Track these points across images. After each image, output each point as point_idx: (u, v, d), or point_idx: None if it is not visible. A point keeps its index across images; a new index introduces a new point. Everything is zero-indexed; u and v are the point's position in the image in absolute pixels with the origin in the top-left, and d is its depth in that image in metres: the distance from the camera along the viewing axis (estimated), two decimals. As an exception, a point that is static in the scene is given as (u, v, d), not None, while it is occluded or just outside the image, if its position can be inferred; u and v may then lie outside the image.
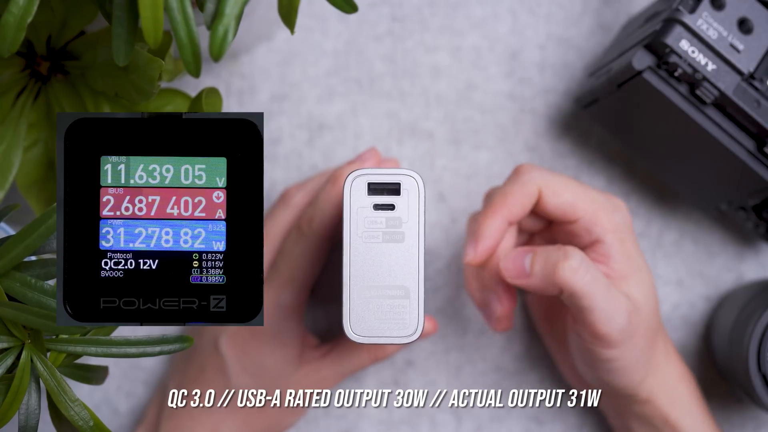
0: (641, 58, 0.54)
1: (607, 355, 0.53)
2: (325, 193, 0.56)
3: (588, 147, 0.64)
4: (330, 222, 0.56)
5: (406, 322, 0.46)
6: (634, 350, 0.53)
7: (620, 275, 0.54)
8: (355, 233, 0.46)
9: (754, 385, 0.56)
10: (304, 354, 0.58)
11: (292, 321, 0.57)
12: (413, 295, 0.46)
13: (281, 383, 0.57)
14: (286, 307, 0.56)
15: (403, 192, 0.46)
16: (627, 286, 0.53)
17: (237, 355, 0.57)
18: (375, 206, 0.46)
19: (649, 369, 0.55)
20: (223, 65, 0.63)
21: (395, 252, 0.46)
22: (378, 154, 0.59)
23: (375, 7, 0.63)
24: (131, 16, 0.42)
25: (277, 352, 0.56)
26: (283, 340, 0.56)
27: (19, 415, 0.44)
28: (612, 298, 0.52)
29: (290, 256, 0.56)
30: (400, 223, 0.46)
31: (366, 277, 0.46)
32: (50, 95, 0.52)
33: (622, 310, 0.52)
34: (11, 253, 0.43)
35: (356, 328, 0.46)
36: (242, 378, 0.57)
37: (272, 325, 0.56)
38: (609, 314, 0.51)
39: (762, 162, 0.55)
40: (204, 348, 0.58)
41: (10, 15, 0.41)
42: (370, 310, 0.46)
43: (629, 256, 0.54)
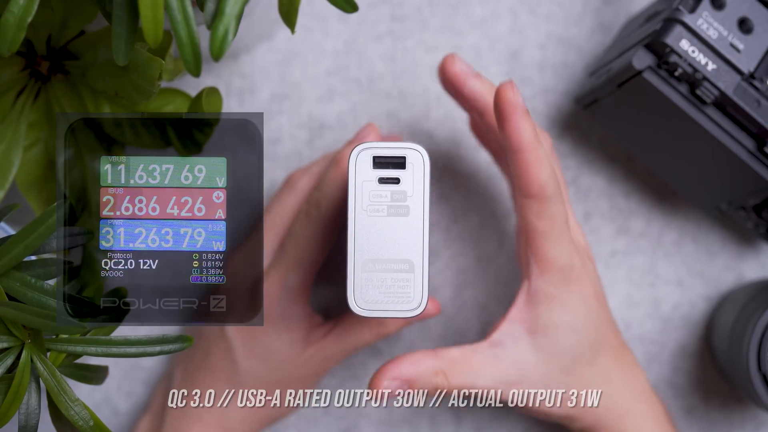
0: (641, 57, 0.54)
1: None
2: (330, 175, 0.56)
3: (588, 147, 0.64)
4: (336, 204, 0.56)
5: (410, 296, 0.46)
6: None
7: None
8: (359, 207, 0.46)
9: (754, 385, 0.56)
10: (310, 335, 0.58)
11: (299, 303, 0.57)
12: (417, 269, 0.46)
13: (288, 366, 0.57)
14: (293, 289, 0.57)
15: (408, 166, 0.46)
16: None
17: (243, 338, 0.57)
18: (380, 180, 0.46)
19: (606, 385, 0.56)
20: (223, 65, 0.63)
21: (400, 226, 0.46)
22: (376, 129, 0.59)
23: (375, 7, 0.63)
24: (131, 16, 0.42)
25: (283, 335, 0.57)
26: (290, 322, 0.57)
27: (19, 414, 0.44)
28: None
29: (298, 238, 0.56)
30: (405, 197, 0.46)
31: (370, 250, 0.46)
32: (50, 95, 0.52)
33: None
34: (11, 253, 0.43)
35: (360, 301, 0.46)
36: (249, 361, 0.57)
37: (279, 308, 0.57)
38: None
39: (762, 162, 0.55)
40: (210, 332, 0.58)
41: (10, 14, 0.41)
42: (374, 284, 0.46)
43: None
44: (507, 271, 0.63)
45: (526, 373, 0.54)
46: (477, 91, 0.55)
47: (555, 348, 0.54)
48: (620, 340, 0.58)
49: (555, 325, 0.54)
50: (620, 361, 0.57)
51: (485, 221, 0.63)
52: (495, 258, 0.63)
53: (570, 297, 0.54)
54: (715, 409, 0.63)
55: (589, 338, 0.55)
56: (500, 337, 0.54)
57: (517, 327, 0.54)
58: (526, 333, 0.54)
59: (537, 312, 0.54)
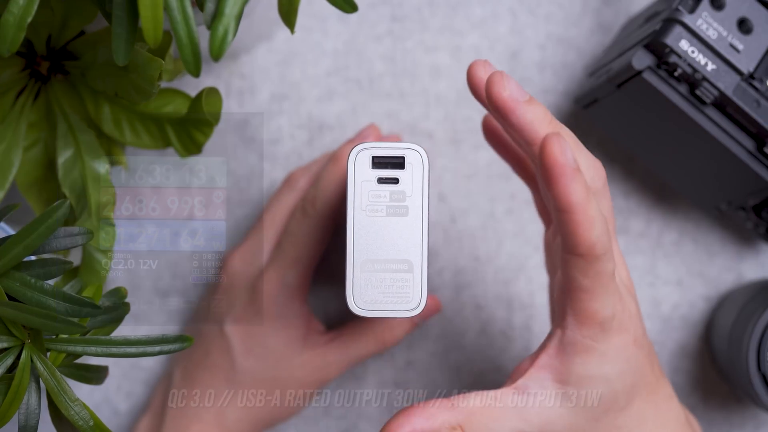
0: (641, 58, 0.54)
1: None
2: (328, 173, 0.56)
3: (588, 147, 0.63)
4: (334, 202, 0.56)
5: (408, 296, 0.46)
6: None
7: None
8: (358, 207, 0.46)
9: (754, 385, 0.56)
10: (309, 337, 0.58)
11: (297, 301, 0.57)
12: (416, 270, 0.46)
13: (285, 365, 0.57)
14: (291, 287, 0.57)
15: (407, 166, 0.46)
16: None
17: (242, 337, 0.57)
18: (379, 180, 0.46)
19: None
20: (223, 65, 0.63)
21: (399, 226, 0.46)
22: (377, 130, 0.59)
23: (375, 7, 0.63)
24: (131, 16, 0.42)
25: (281, 333, 0.57)
26: (288, 320, 0.57)
27: (19, 414, 0.44)
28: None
29: (295, 236, 0.56)
30: (404, 197, 0.46)
31: (369, 250, 0.46)
32: (50, 95, 0.53)
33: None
34: (11, 253, 0.43)
35: (359, 301, 0.46)
36: (247, 359, 0.57)
37: (277, 306, 0.57)
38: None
39: (762, 162, 0.55)
40: (209, 331, 0.58)
41: (10, 15, 0.41)
42: (373, 284, 0.46)
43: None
44: (507, 271, 0.63)
45: (551, 423, 0.50)
46: (528, 121, 0.48)
47: (586, 399, 0.50)
48: (656, 374, 0.53)
49: (589, 377, 0.49)
50: (655, 398, 0.53)
51: (485, 221, 0.63)
52: (494, 258, 0.63)
53: (608, 348, 0.49)
54: (715, 409, 0.63)
55: (624, 386, 0.51)
56: (527, 383, 0.50)
57: (547, 376, 0.50)
58: (555, 383, 0.50)
59: (570, 363, 0.49)
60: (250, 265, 0.58)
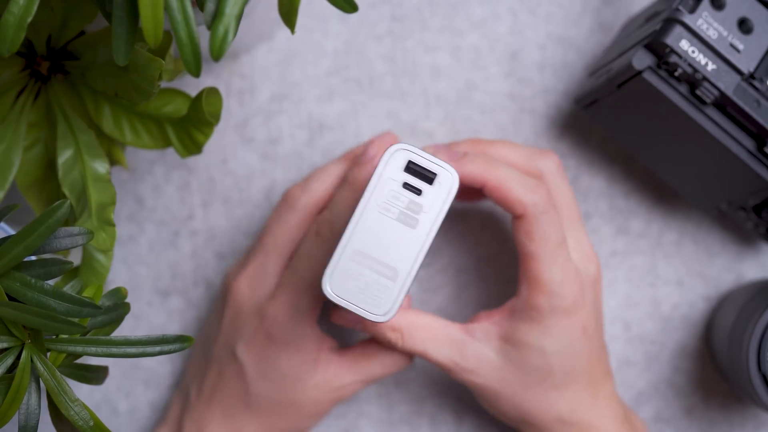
0: (641, 58, 0.54)
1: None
2: (343, 195, 0.56)
3: (588, 147, 0.64)
4: None
5: (381, 301, 0.46)
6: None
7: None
8: (374, 200, 0.46)
9: (754, 385, 0.56)
10: (321, 357, 0.57)
11: (309, 324, 0.56)
12: (400, 280, 0.46)
13: (299, 386, 0.57)
14: (304, 312, 0.56)
15: (436, 184, 0.46)
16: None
17: (255, 361, 0.56)
18: (404, 184, 0.46)
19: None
20: (223, 65, 0.63)
21: (402, 234, 0.46)
22: (396, 138, 0.59)
23: (375, 7, 0.63)
24: (131, 16, 0.42)
25: (294, 357, 0.56)
26: (300, 344, 0.56)
27: (19, 415, 0.44)
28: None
29: (310, 260, 0.55)
30: (420, 211, 0.46)
31: (364, 243, 0.46)
32: (50, 95, 0.53)
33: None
34: (11, 253, 0.43)
35: (334, 285, 0.46)
36: (261, 383, 0.57)
37: (290, 330, 0.56)
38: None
39: (762, 162, 0.55)
40: (222, 355, 0.58)
41: (10, 15, 0.41)
42: (354, 276, 0.46)
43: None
44: (507, 271, 0.63)
45: (485, 369, 0.56)
46: (468, 172, 0.55)
47: (520, 362, 0.55)
48: (602, 371, 0.58)
49: (529, 345, 0.55)
50: (594, 391, 0.57)
51: (485, 221, 0.63)
52: (495, 258, 0.63)
53: (553, 325, 0.55)
54: (715, 409, 0.63)
55: (561, 365, 0.55)
56: (475, 328, 0.56)
57: (494, 329, 0.56)
58: (499, 339, 0.56)
59: (515, 327, 0.55)
60: (257, 290, 0.57)
